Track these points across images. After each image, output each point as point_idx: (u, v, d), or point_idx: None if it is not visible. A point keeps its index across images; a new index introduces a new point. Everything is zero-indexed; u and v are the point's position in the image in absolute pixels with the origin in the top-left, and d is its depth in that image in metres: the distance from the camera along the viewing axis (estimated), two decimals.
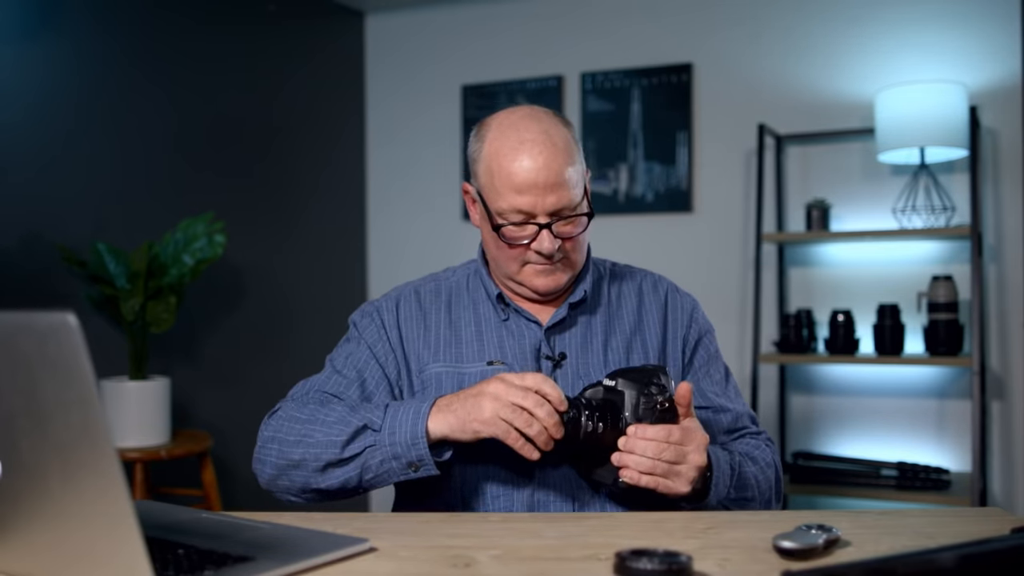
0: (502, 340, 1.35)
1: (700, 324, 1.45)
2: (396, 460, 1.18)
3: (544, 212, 1.26)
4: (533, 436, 1.13)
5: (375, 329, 1.38)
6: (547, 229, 1.26)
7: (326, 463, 1.20)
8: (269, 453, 1.25)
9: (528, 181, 1.25)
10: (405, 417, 1.18)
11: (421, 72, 3.83)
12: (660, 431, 1.15)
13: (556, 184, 1.25)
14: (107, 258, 2.63)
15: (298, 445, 1.22)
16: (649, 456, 1.14)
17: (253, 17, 3.42)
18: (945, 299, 2.84)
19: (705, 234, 3.34)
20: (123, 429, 2.53)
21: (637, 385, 1.18)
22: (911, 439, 3.06)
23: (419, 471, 1.18)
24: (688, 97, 3.37)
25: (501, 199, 1.27)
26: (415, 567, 0.92)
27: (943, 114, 2.78)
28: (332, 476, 1.21)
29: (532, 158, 1.25)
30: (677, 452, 1.15)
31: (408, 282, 1.46)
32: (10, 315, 0.76)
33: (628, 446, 1.16)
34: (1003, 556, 0.81)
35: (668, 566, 0.83)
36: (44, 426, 0.76)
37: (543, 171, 1.24)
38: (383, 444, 1.18)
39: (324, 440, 1.21)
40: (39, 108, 2.69)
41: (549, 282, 1.32)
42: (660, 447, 1.15)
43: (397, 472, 1.19)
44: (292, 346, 3.50)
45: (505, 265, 1.33)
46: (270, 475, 1.26)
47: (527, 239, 1.28)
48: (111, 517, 0.75)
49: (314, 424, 1.23)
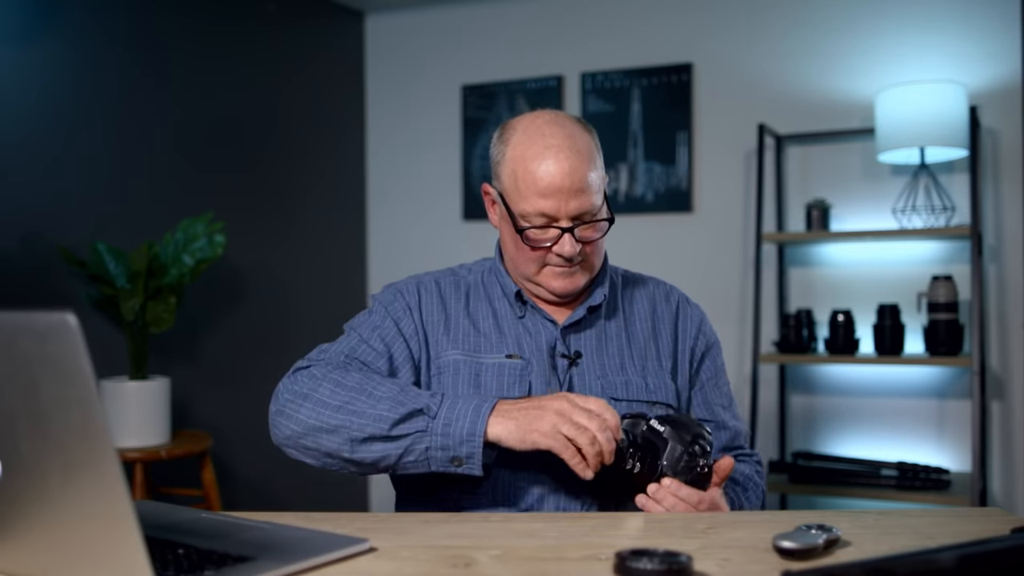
0: (519, 336, 1.36)
1: (708, 336, 1.46)
2: (443, 451, 1.17)
3: (567, 216, 1.29)
4: (590, 457, 1.13)
5: (402, 306, 1.38)
6: (569, 233, 1.29)
7: (368, 435, 1.18)
8: (299, 410, 1.22)
9: (553, 186, 1.27)
10: (464, 412, 1.17)
11: (421, 72, 3.83)
12: (692, 495, 1.17)
13: (579, 190, 1.28)
14: (107, 258, 2.63)
15: (339, 411, 1.20)
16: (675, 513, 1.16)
17: (253, 17, 3.42)
18: (945, 299, 2.84)
19: (705, 234, 3.34)
20: (123, 429, 2.53)
21: (683, 439, 1.19)
22: (911, 439, 3.06)
23: (461, 468, 1.17)
24: (688, 97, 3.37)
25: (525, 202, 1.29)
26: (415, 567, 0.92)
27: (943, 114, 2.78)
28: (370, 450, 1.19)
29: (557, 163, 1.27)
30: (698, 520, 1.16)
31: (427, 272, 1.47)
32: (10, 315, 0.76)
33: (659, 496, 1.17)
34: (1003, 556, 0.81)
35: (668, 566, 0.83)
36: (44, 426, 0.76)
37: (567, 176, 1.27)
38: (435, 433, 1.17)
39: (371, 413, 1.19)
40: (39, 108, 2.69)
41: (567, 284, 1.34)
42: (687, 510, 1.16)
43: (438, 463, 1.18)
44: (292, 346, 3.50)
45: (524, 267, 1.34)
46: (293, 431, 1.23)
47: (549, 242, 1.30)
48: (111, 517, 0.75)
49: (361, 394, 1.21)
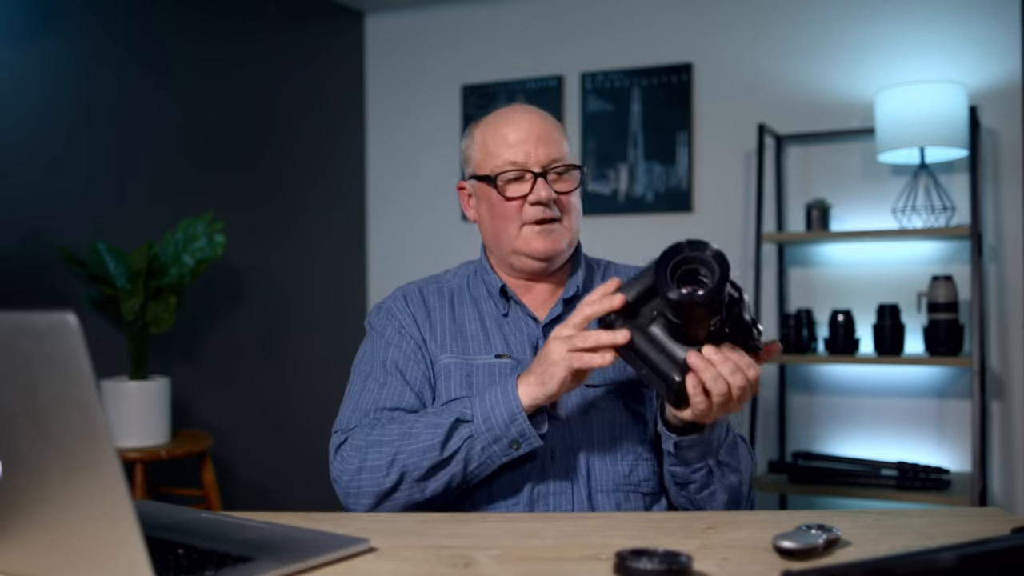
0: (506, 336, 1.38)
1: None
2: (497, 443, 1.21)
3: (537, 163, 1.35)
4: (593, 345, 1.14)
5: (395, 327, 1.40)
6: (542, 178, 1.34)
7: (428, 468, 1.22)
8: (361, 486, 1.25)
9: (519, 137, 1.36)
10: (495, 399, 1.21)
11: (421, 72, 3.83)
12: (745, 358, 1.11)
13: (546, 139, 1.36)
14: (107, 258, 2.63)
15: (392, 466, 1.23)
16: (728, 374, 1.09)
17: (253, 17, 3.42)
18: (945, 299, 2.84)
19: (705, 234, 3.28)
20: (123, 429, 2.53)
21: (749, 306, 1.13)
22: (911, 439, 3.06)
23: (521, 447, 1.21)
24: (688, 97, 3.37)
25: (495, 158, 1.36)
26: (415, 567, 0.92)
27: (943, 114, 2.78)
28: (436, 480, 1.23)
29: (523, 118, 1.38)
30: (748, 390, 1.11)
31: (410, 282, 1.49)
32: (10, 315, 0.76)
33: (715, 358, 1.10)
34: (1003, 556, 0.81)
35: (668, 566, 0.83)
36: (44, 426, 0.76)
37: (534, 128, 1.36)
38: (480, 432, 1.21)
39: (419, 448, 1.22)
40: (39, 108, 2.69)
41: (548, 243, 1.36)
42: (735, 372, 1.10)
43: (499, 455, 1.22)
44: (292, 346, 3.51)
45: (504, 231, 1.37)
46: (369, 504, 1.26)
47: (524, 191, 1.35)
48: (111, 517, 0.75)
49: (404, 440, 1.24)
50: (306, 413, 3.45)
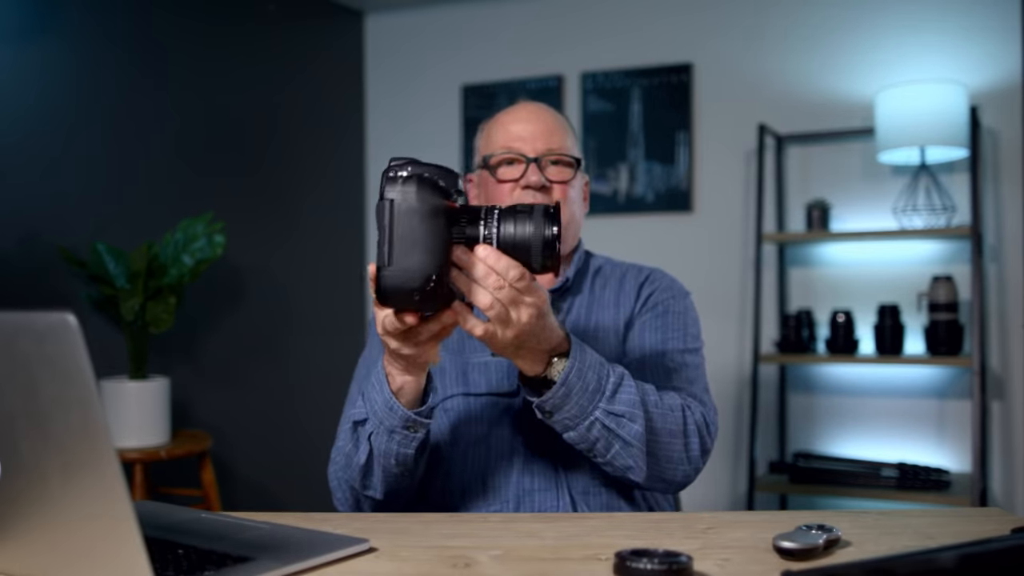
0: None
1: (659, 283, 1.43)
2: (394, 433, 1.17)
3: (533, 150, 1.37)
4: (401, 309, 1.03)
5: None
6: (535, 163, 1.36)
7: (361, 476, 1.24)
8: (338, 501, 1.33)
9: (520, 126, 1.39)
10: (373, 392, 1.18)
11: (421, 72, 3.83)
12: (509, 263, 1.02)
13: (546, 130, 1.38)
14: (107, 258, 2.63)
15: (342, 484, 1.30)
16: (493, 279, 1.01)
17: (252, 18, 3.42)
18: (945, 299, 2.84)
19: (705, 234, 3.33)
20: (123, 429, 2.53)
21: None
22: (911, 439, 3.06)
23: (417, 429, 1.16)
24: (688, 97, 3.37)
25: (494, 144, 1.40)
26: (415, 567, 0.92)
27: (943, 114, 2.78)
28: (372, 482, 1.24)
29: (526, 113, 1.41)
30: (513, 295, 1.02)
31: None
32: (10, 315, 0.76)
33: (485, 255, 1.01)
34: (1003, 556, 0.81)
35: (668, 566, 0.83)
36: (44, 426, 0.76)
37: (537, 123, 1.39)
38: (377, 427, 1.18)
39: (345, 462, 1.27)
40: (38, 109, 2.68)
41: None
42: (501, 277, 1.01)
43: (408, 442, 1.17)
44: (292, 346, 3.50)
45: None
46: (350, 509, 1.31)
47: (516, 175, 1.37)
48: (111, 517, 0.75)
49: (340, 456, 1.29)
50: (306, 413, 3.45)
